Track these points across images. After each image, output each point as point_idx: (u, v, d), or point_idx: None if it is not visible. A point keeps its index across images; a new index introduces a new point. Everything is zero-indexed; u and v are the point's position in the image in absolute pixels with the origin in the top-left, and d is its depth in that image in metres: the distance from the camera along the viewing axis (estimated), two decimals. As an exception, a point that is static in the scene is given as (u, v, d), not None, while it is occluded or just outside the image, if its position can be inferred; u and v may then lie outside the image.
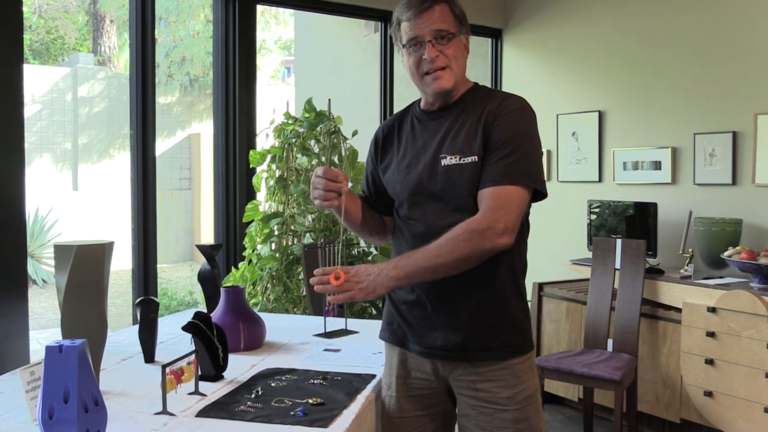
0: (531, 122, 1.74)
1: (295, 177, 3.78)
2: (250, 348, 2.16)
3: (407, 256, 1.64)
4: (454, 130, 1.75)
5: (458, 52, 1.75)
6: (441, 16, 1.73)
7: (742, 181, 3.88)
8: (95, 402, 1.35)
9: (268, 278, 3.68)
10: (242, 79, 4.10)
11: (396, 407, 1.85)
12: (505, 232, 1.61)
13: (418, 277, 1.63)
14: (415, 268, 1.61)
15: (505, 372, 1.73)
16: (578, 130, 4.77)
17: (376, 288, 1.59)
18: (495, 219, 1.61)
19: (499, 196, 1.64)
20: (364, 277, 1.60)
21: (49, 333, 7.14)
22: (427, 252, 1.62)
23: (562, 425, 4.03)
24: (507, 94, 1.78)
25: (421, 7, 1.73)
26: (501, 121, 1.69)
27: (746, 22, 3.87)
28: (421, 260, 1.61)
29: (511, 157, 1.66)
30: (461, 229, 1.61)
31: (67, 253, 1.61)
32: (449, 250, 1.60)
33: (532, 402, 1.75)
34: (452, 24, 1.74)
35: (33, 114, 10.16)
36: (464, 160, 1.70)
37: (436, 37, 1.72)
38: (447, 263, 1.61)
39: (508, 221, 1.62)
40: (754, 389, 3.20)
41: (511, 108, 1.72)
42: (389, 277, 1.60)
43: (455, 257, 1.60)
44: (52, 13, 13.54)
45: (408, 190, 1.79)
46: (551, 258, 4.53)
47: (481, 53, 5.53)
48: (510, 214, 1.62)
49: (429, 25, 1.72)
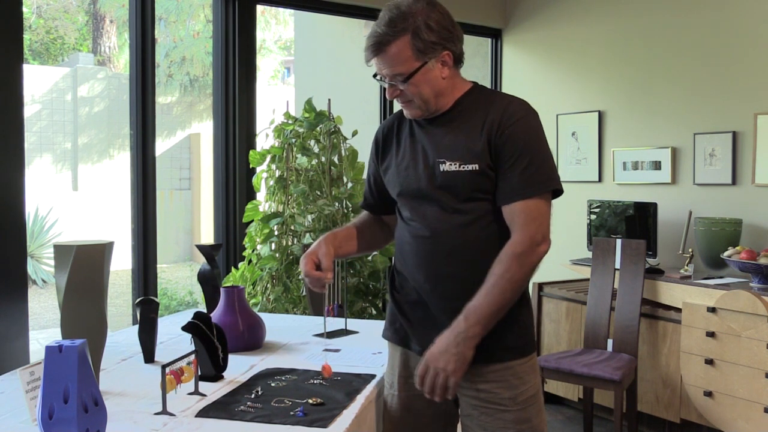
0: (538, 126, 1.73)
1: (295, 177, 3.78)
2: (250, 348, 2.16)
3: (476, 309, 1.64)
4: (453, 136, 1.74)
5: (423, 82, 1.70)
6: (396, 56, 1.68)
7: (742, 181, 3.88)
8: (95, 402, 1.35)
9: (268, 278, 3.68)
10: (242, 79, 4.10)
11: (398, 406, 1.86)
12: (544, 241, 1.69)
13: (494, 319, 1.66)
14: (488, 315, 1.64)
15: (506, 373, 1.73)
16: (578, 130, 4.77)
17: (465, 358, 1.64)
18: (533, 234, 1.67)
19: (530, 210, 1.67)
20: (447, 356, 1.63)
21: (49, 333, 7.14)
22: (489, 294, 1.65)
23: (562, 425, 4.03)
24: (508, 100, 1.75)
25: (373, 51, 1.70)
26: (510, 132, 1.68)
27: (746, 22, 3.87)
28: (488, 305, 1.64)
29: (530, 169, 1.67)
30: (508, 258, 1.66)
31: (67, 253, 1.61)
32: (507, 281, 1.65)
33: (533, 402, 1.76)
34: (411, 60, 1.68)
35: (33, 114, 10.16)
36: (464, 167, 1.70)
37: (393, 79, 1.71)
38: (512, 294, 1.67)
39: (545, 231, 1.69)
40: (754, 389, 3.20)
41: (517, 116, 1.70)
42: (470, 339, 1.63)
43: (516, 285, 1.66)
44: (52, 13, 13.54)
45: (408, 193, 1.80)
46: (551, 258, 4.49)
47: (481, 53, 5.53)
48: (543, 223, 1.69)
49: (384, 68, 1.71)
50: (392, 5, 1.71)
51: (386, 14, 1.70)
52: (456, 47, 1.74)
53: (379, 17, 1.71)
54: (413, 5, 1.70)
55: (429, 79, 1.71)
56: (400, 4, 1.70)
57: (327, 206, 3.68)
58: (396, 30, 1.67)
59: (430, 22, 1.68)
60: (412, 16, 1.68)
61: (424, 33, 1.67)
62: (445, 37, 1.71)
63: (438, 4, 1.74)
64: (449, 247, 1.72)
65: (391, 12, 1.70)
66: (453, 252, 1.72)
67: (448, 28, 1.72)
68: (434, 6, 1.72)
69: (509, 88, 5.28)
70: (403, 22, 1.67)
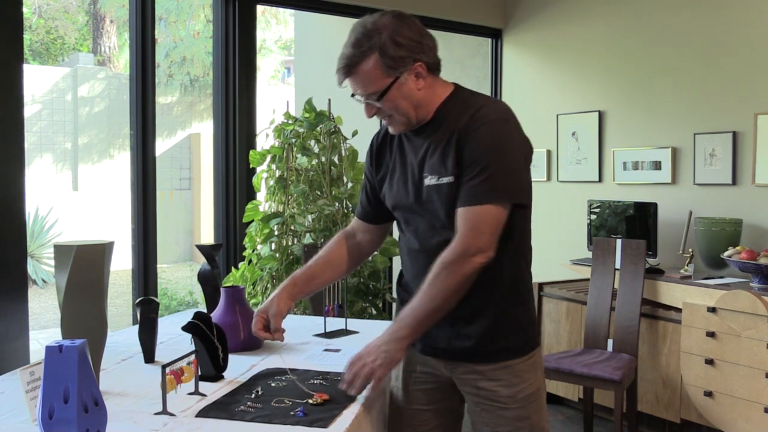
0: (502, 133, 1.67)
1: (295, 177, 3.78)
2: (250, 348, 2.16)
3: (408, 313, 1.68)
4: (432, 149, 1.73)
5: (398, 97, 1.69)
6: (366, 76, 1.67)
7: (742, 181, 3.88)
8: (95, 402, 1.35)
9: (268, 278, 3.68)
10: (242, 79, 4.10)
11: (402, 398, 1.91)
12: (479, 253, 1.64)
13: (424, 326, 1.67)
14: (418, 321, 1.66)
15: (504, 372, 1.75)
16: (578, 130, 4.77)
17: (393, 356, 1.66)
18: (467, 245, 1.63)
19: (470, 218, 1.65)
20: (377, 353, 1.65)
21: (49, 333, 7.14)
22: (421, 300, 1.67)
23: (562, 425, 4.03)
24: (480, 105, 1.70)
25: (343, 73, 1.69)
26: (471, 137, 1.65)
27: (746, 22, 3.87)
28: (418, 311, 1.67)
29: (481, 176, 1.64)
30: (438, 266, 1.66)
31: (67, 253, 1.61)
32: (438, 289, 1.65)
33: (534, 400, 1.77)
34: (382, 77, 1.66)
35: (33, 114, 10.16)
36: (441, 180, 1.69)
37: (367, 98, 1.71)
38: (442, 302, 1.66)
39: (481, 242, 1.63)
40: (754, 389, 3.20)
41: (481, 122, 1.66)
42: (399, 340, 1.66)
43: (446, 294, 1.65)
44: (52, 13, 13.53)
45: (400, 207, 1.82)
46: (551, 258, 4.53)
47: (481, 53, 5.53)
48: (482, 234, 1.64)
49: (357, 88, 1.71)
50: (358, 24, 1.69)
51: (352, 35, 1.69)
52: (428, 56, 1.70)
53: (348, 37, 1.70)
54: (378, 21, 1.67)
55: (404, 93, 1.69)
56: (366, 22, 1.68)
57: (327, 206, 3.68)
58: (362, 50, 1.66)
59: (396, 36, 1.65)
60: (377, 33, 1.65)
61: (390, 49, 1.65)
62: (414, 49, 1.68)
63: (405, 16, 1.71)
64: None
65: (356, 32, 1.68)
66: None
67: (416, 40, 1.68)
68: (401, 18, 1.69)
69: (509, 88, 5.28)
70: (368, 41, 1.65)
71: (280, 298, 1.83)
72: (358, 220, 2.00)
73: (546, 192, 4.89)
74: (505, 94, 5.29)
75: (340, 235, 2.00)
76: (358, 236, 1.99)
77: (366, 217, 1.98)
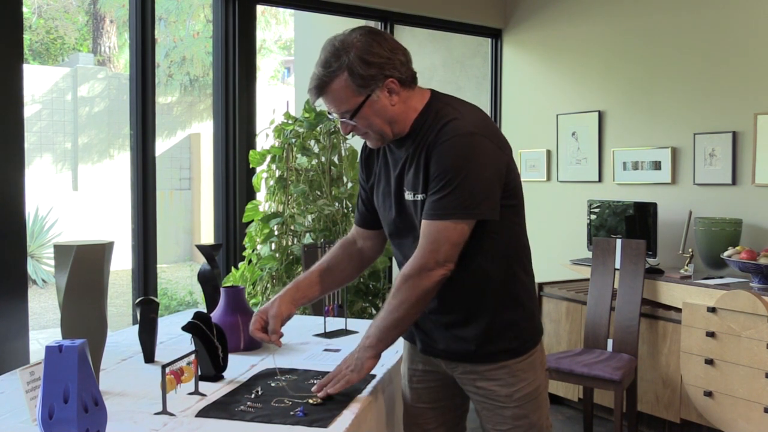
0: (465, 149, 1.63)
1: (295, 177, 3.78)
2: (250, 348, 2.16)
3: (374, 324, 1.72)
4: (408, 164, 1.73)
5: (371, 115, 1.67)
6: (338, 95, 1.66)
7: (742, 181, 3.88)
8: (95, 402, 1.35)
9: (268, 278, 3.68)
10: (242, 79, 4.10)
11: (410, 396, 1.96)
12: (437, 267, 1.65)
13: (390, 336, 1.71)
14: (382, 331, 1.70)
15: (502, 372, 1.77)
16: (578, 130, 4.77)
17: (363, 364, 1.70)
18: (426, 259, 1.65)
19: (430, 233, 1.66)
20: (352, 361, 1.71)
21: (49, 333, 7.14)
22: (385, 311, 1.70)
23: (562, 425, 4.03)
24: (450, 117, 1.66)
25: (315, 93, 1.69)
26: (434, 154, 1.64)
27: (746, 22, 3.87)
28: (382, 321, 1.70)
29: (441, 192, 1.63)
30: (399, 279, 1.69)
31: (67, 253, 1.61)
32: (399, 301, 1.68)
33: (532, 399, 1.78)
34: (353, 96, 1.65)
35: (33, 114, 10.15)
36: (416, 197, 1.70)
37: (342, 116, 1.71)
38: (404, 313, 1.69)
39: (439, 257, 1.64)
40: (754, 389, 3.20)
41: (444, 138, 1.63)
42: (366, 349, 1.71)
43: (407, 306, 1.67)
44: (52, 13, 13.53)
45: (386, 220, 1.84)
46: (551, 258, 4.53)
47: (481, 53, 5.53)
48: (440, 249, 1.64)
49: (330, 107, 1.71)
50: (328, 42, 1.68)
51: (322, 54, 1.68)
52: (400, 71, 1.68)
53: (319, 55, 1.68)
54: (347, 38, 1.65)
55: (377, 110, 1.67)
56: (335, 41, 1.67)
57: (327, 206, 3.68)
58: (331, 70, 1.64)
59: (364, 55, 1.63)
60: (345, 53, 1.63)
61: (359, 68, 1.63)
62: (384, 66, 1.65)
63: (375, 32, 1.69)
64: None
65: (325, 51, 1.67)
66: None
67: (385, 56, 1.65)
68: (370, 35, 1.66)
69: (509, 88, 5.28)
70: (336, 61, 1.64)
71: (282, 300, 1.83)
72: (357, 227, 1.99)
73: (546, 192, 4.89)
74: (505, 94, 5.29)
75: (341, 242, 2.00)
76: (359, 243, 1.99)
77: (364, 223, 1.97)
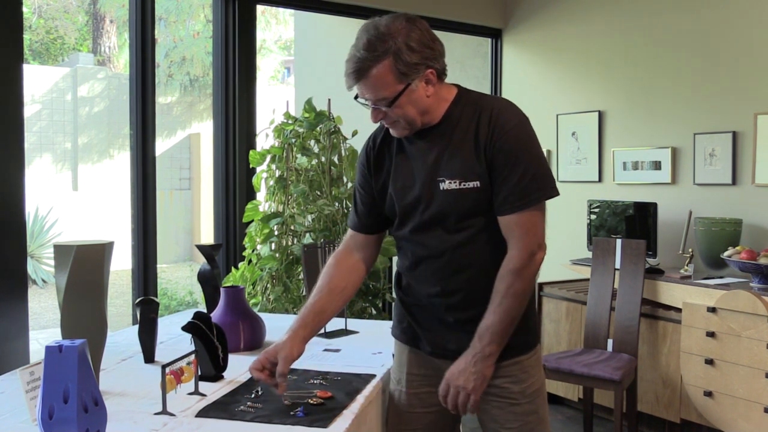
0: (529, 133, 1.69)
1: (295, 177, 3.78)
2: (250, 348, 2.16)
3: (485, 330, 1.67)
4: (449, 152, 1.70)
5: (407, 104, 1.65)
6: (378, 81, 1.62)
7: (742, 181, 3.88)
8: (95, 402, 1.35)
9: (268, 278, 3.68)
10: (242, 79, 4.10)
11: (405, 402, 1.88)
12: (540, 249, 1.69)
13: (507, 335, 1.69)
14: (500, 333, 1.68)
15: (514, 368, 1.77)
16: (578, 130, 4.77)
17: (485, 376, 1.69)
18: (529, 246, 1.67)
19: (524, 223, 1.67)
20: (467, 375, 1.67)
21: (49, 333, 7.14)
22: (496, 313, 1.67)
23: (562, 425, 4.03)
24: (497, 108, 1.68)
25: (354, 77, 1.63)
26: (502, 143, 1.65)
27: (746, 22, 3.87)
28: (498, 323, 1.67)
29: (524, 180, 1.64)
30: (509, 274, 1.67)
31: (67, 253, 1.61)
32: (512, 296, 1.67)
33: (539, 395, 1.82)
34: (394, 84, 1.62)
35: (33, 114, 10.16)
36: (465, 185, 1.67)
37: (376, 103, 1.66)
38: (519, 308, 1.69)
39: (540, 239, 1.70)
40: (754, 389, 3.20)
41: (508, 126, 1.65)
42: (487, 358, 1.67)
43: (521, 299, 1.68)
44: (52, 13, 13.53)
45: (407, 213, 1.76)
46: (551, 258, 4.50)
47: (481, 53, 5.53)
48: (537, 233, 1.69)
49: (367, 93, 1.66)
50: (370, 25, 1.64)
51: (364, 36, 1.62)
52: (439, 63, 1.68)
53: (357, 38, 1.64)
54: (392, 24, 1.62)
55: (413, 99, 1.65)
56: (378, 24, 1.63)
57: (327, 206, 3.68)
58: (376, 54, 1.60)
59: (410, 42, 1.61)
60: (391, 38, 1.60)
61: (405, 55, 1.60)
62: (427, 56, 1.64)
63: (417, 20, 1.67)
64: (455, 265, 1.72)
65: (369, 33, 1.62)
66: (459, 269, 1.73)
67: (429, 46, 1.64)
68: (414, 23, 1.65)
69: (509, 88, 5.28)
70: (382, 45, 1.60)
71: (294, 342, 1.70)
72: (355, 234, 1.90)
73: (546, 192, 4.88)
74: (505, 94, 5.29)
75: (336, 260, 1.87)
76: (356, 255, 1.89)
77: (366, 228, 1.89)
